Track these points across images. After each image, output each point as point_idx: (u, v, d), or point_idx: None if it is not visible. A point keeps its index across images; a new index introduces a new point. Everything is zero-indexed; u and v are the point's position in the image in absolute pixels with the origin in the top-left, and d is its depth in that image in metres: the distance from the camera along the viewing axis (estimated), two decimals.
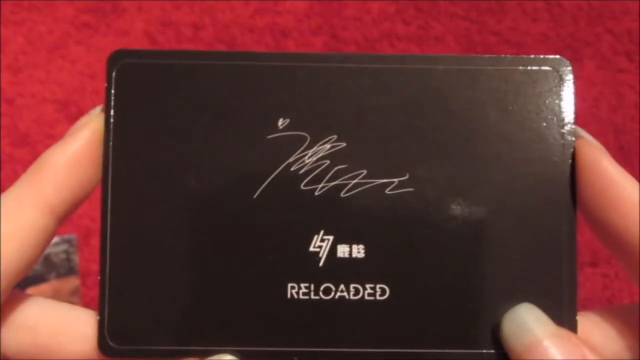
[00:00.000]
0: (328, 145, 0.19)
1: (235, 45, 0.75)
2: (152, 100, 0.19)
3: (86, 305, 0.58)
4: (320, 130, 0.19)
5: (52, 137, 0.68)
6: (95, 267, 0.60)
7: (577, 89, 0.20)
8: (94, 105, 0.21)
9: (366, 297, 0.19)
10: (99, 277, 0.19)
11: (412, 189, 0.19)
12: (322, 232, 0.19)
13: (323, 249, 0.19)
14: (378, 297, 0.19)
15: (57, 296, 0.58)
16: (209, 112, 0.19)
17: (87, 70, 0.73)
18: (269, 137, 0.19)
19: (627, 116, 0.71)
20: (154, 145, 0.19)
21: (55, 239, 0.61)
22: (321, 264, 0.19)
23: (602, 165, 0.19)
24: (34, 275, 0.59)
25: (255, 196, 0.19)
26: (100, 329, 0.19)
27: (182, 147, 0.19)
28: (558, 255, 0.19)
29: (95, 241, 0.61)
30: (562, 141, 0.19)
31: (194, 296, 0.19)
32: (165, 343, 0.19)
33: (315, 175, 0.19)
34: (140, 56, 0.20)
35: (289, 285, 0.19)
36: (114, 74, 0.19)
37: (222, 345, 0.19)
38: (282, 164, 0.19)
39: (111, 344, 0.19)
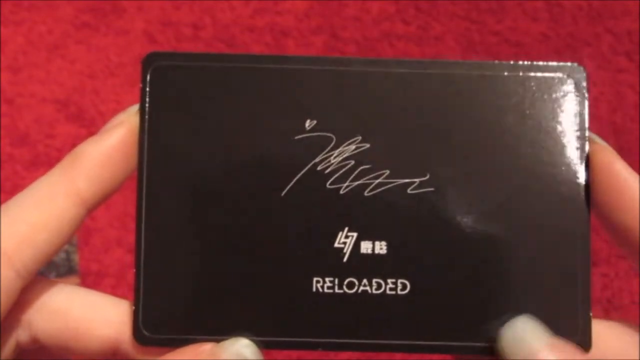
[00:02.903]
0: (353, 146, 0.20)
1: (235, 45, 0.75)
2: (184, 101, 0.20)
3: None
4: (346, 131, 0.20)
5: (52, 137, 0.68)
6: (94, 267, 0.60)
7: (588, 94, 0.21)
8: (93, 105, 0.21)
9: (388, 292, 0.20)
10: (134, 270, 0.20)
11: (432, 189, 0.20)
12: (346, 229, 0.20)
13: (347, 245, 0.20)
14: (399, 292, 0.20)
15: None
16: (240, 113, 0.20)
17: (87, 70, 0.73)
18: (296, 137, 0.20)
19: (627, 116, 0.71)
20: (186, 144, 0.20)
21: None
22: (345, 259, 0.20)
23: (615, 169, 0.19)
24: None
25: (283, 194, 0.20)
26: (135, 319, 0.20)
27: (213, 146, 0.20)
28: (572, 258, 0.20)
29: (95, 241, 0.62)
30: (576, 145, 0.20)
31: (223, 288, 0.20)
32: (195, 332, 0.20)
33: (340, 175, 0.20)
34: (173, 59, 0.21)
35: (314, 279, 0.20)
36: (148, 75, 0.21)
37: (250, 336, 0.20)
38: (309, 164, 0.20)
39: (145, 333, 0.20)
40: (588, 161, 0.20)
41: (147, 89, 0.21)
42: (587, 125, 0.21)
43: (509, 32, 0.77)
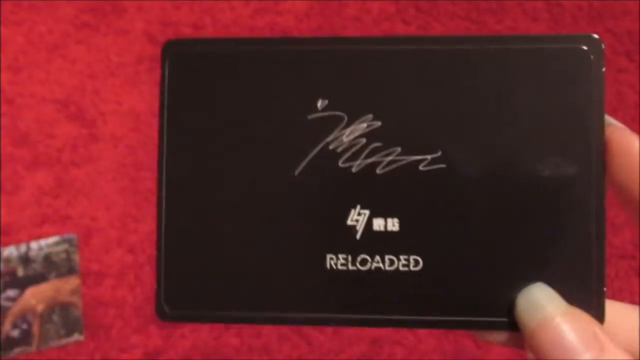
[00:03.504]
0: (364, 125, 0.20)
1: None
2: (201, 85, 0.21)
3: (86, 304, 0.58)
4: (357, 110, 0.20)
5: (52, 137, 0.68)
6: (95, 266, 0.60)
7: None
8: (94, 105, 0.21)
9: (401, 268, 0.20)
10: (155, 252, 0.21)
11: (444, 165, 0.20)
12: (358, 207, 0.20)
13: (360, 222, 0.20)
14: (412, 268, 0.20)
15: (57, 295, 0.58)
16: (253, 95, 0.21)
17: (87, 70, 0.73)
18: (309, 117, 0.20)
19: (627, 116, 0.71)
20: (204, 126, 0.21)
21: (55, 239, 0.61)
22: (358, 236, 0.20)
23: (634, 148, 0.19)
24: (34, 274, 0.59)
25: (296, 173, 0.20)
26: (157, 297, 0.21)
27: (229, 128, 0.21)
28: (587, 235, 0.20)
29: (96, 241, 0.62)
30: (593, 120, 0.20)
31: (239, 265, 0.21)
32: (213, 308, 0.21)
33: (352, 153, 0.20)
34: (190, 45, 0.21)
35: (328, 256, 0.20)
36: (167, 62, 0.21)
37: (265, 311, 0.20)
38: (321, 143, 0.20)
39: (166, 309, 0.21)
40: (604, 140, 0.20)
41: (166, 75, 0.21)
42: (603, 98, 0.20)
43: (509, 32, 0.77)
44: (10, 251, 0.61)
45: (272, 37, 0.20)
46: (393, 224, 0.20)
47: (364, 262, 0.20)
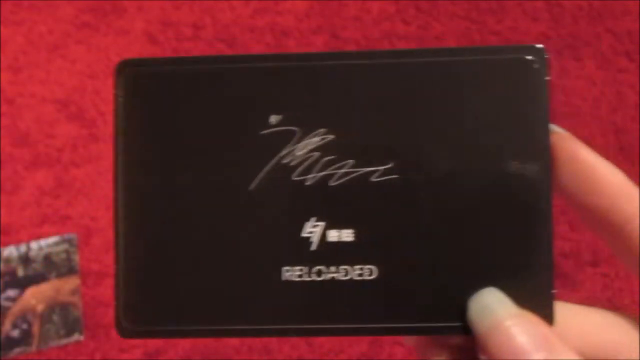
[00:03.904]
0: (317, 138, 0.21)
1: (235, 45, 0.75)
2: (155, 104, 0.21)
3: (86, 304, 0.58)
4: (310, 124, 0.21)
5: (52, 137, 0.68)
6: (95, 266, 0.60)
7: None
8: (94, 105, 0.22)
9: (356, 278, 0.21)
10: (114, 266, 0.21)
11: (396, 176, 0.21)
12: (313, 219, 0.21)
13: (314, 234, 0.21)
14: (367, 277, 0.21)
15: (57, 295, 0.58)
16: (208, 112, 0.21)
17: (87, 70, 0.73)
18: (262, 132, 0.21)
19: (627, 116, 0.71)
20: (159, 144, 0.21)
21: (56, 239, 0.61)
22: (313, 248, 0.21)
23: (581, 154, 0.20)
24: (35, 274, 0.59)
25: (251, 188, 0.21)
26: (116, 312, 0.21)
27: (184, 145, 0.21)
28: (536, 239, 0.20)
29: (96, 241, 0.62)
30: (540, 128, 0.21)
31: (197, 280, 0.21)
32: (173, 323, 0.21)
33: (305, 167, 0.21)
34: (143, 64, 0.22)
35: (284, 268, 0.21)
36: (120, 82, 0.21)
37: (223, 325, 0.21)
38: (275, 157, 0.21)
39: (125, 325, 0.21)
40: (550, 148, 0.20)
41: (120, 96, 0.21)
42: (549, 106, 0.21)
43: (509, 32, 0.77)
44: (10, 251, 0.61)
45: (225, 55, 0.21)
46: (347, 235, 0.21)
47: (319, 272, 0.21)
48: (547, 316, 0.20)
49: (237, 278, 0.21)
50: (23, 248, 0.61)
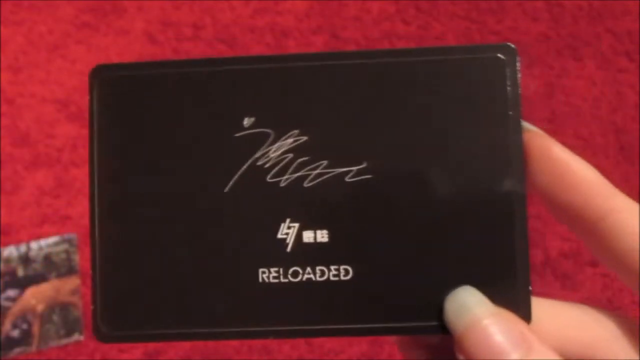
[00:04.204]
0: (291, 140, 0.21)
1: (235, 45, 0.75)
2: (130, 108, 0.22)
3: (86, 304, 0.58)
4: (283, 126, 0.21)
5: (52, 137, 0.68)
6: None
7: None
8: None
9: (331, 278, 0.21)
10: (91, 271, 0.21)
11: (369, 176, 0.21)
12: (288, 220, 0.21)
13: (290, 235, 0.21)
14: (342, 277, 0.21)
15: (57, 295, 0.58)
16: (181, 116, 0.21)
17: (87, 70, 0.73)
18: (236, 135, 0.21)
19: (627, 116, 0.71)
20: (135, 148, 0.21)
21: (56, 239, 0.61)
22: (289, 249, 0.21)
23: (554, 152, 0.20)
24: (35, 274, 0.59)
25: (226, 190, 0.21)
26: (94, 317, 0.21)
27: (158, 148, 0.21)
28: (511, 237, 0.20)
29: None
30: (511, 127, 0.21)
31: (175, 283, 0.21)
32: (152, 327, 0.21)
33: (279, 168, 0.21)
34: (117, 69, 0.22)
35: (260, 270, 0.21)
36: (95, 87, 0.22)
37: (202, 328, 0.21)
38: (249, 160, 0.21)
39: (104, 330, 0.21)
40: (523, 146, 0.21)
41: (94, 100, 0.22)
42: (520, 104, 0.21)
43: (509, 32, 0.77)
44: (10, 251, 0.61)
45: (197, 58, 0.21)
46: (322, 236, 0.21)
47: (295, 274, 0.21)
48: (524, 314, 0.20)
49: (214, 280, 0.21)
50: (23, 248, 0.61)
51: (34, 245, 0.61)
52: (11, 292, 0.59)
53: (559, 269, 0.65)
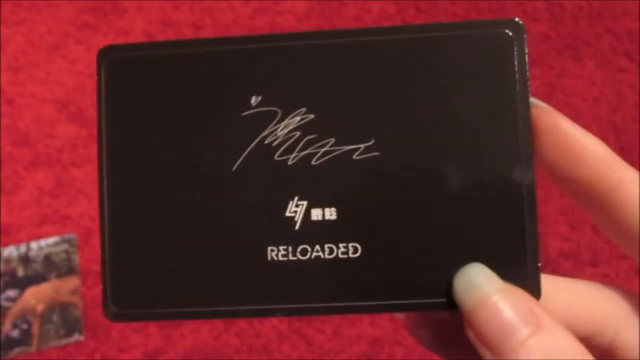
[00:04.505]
0: (298, 118, 0.21)
1: None
2: (138, 88, 0.22)
3: (86, 304, 0.58)
4: (290, 104, 0.21)
5: (52, 137, 0.68)
6: (95, 266, 0.60)
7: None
8: (94, 105, 0.21)
9: (340, 256, 0.21)
10: (100, 250, 0.21)
11: (377, 153, 0.21)
12: (296, 198, 0.21)
13: (298, 213, 0.21)
14: (351, 255, 0.21)
15: (57, 296, 0.58)
16: (189, 95, 0.21)
17: (87, 70, 0.73)
18: (243, 114, 0.21)
19: (627, 116, 0.71)
20: (143, 127, 0.21)
21: (55, 239, 0.61)
22: (297, 227, 0.21)
23: (563, 127, 0.20)
24: (35, 274, 0.59)
25: (234, 169, 0.21)
26: (104, 296, 0.21)
27: (167, 128, 0.21)
28: (520, 213, 0.20)
29: (96, 241, 0.62)
30: (519, 101, 0.21)
31: (184, 262, 0.21)
32: (161, 306, 0.21)
33: (287, 146, 0.21)
34: (124, 50, 0.22)
35: (269, 248, 0.21)
36: (102, 68, 0.22)
37: (210, 306, 0.21)
38: (256, 138, 0.21)
39: (113, 309, 0.21)
40: (531, 121, 0.21)
41: (103, 81, 0.22)
42: (528, 80, 0.21)
43: None
44: (10, 251, 0.61)
45: (204, 38, 0.23)
46: (331, 213, 0.21)
47: (304, 251, 0.21)
48: (534, 290, 0.20)
49: (223, 259, 0.21)
50: (23, 248, 0.61)
51: (34, 245, 0.61)
52: (11, 292, 0.59)
53: (559, 269, 0.65)
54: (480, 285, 0.19)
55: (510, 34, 0.21)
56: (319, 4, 0.79)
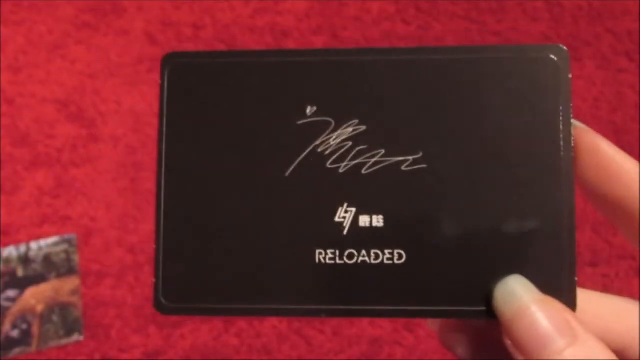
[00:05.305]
0: (350, 129, 0.22)
1: (235, 45, 0.75)
2: (199, 95, 0.23)
3: (85, 305, 0.58)
4: (344, 115, 0.22)
5: (52, 137, 0.68)
6: (95, 267, 0.60)
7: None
8: (93, 105, 0.22)
9: (385, 262, 0.22)
10: (154, 244, 0.22)
11: (425, 166, 0.22)
12: (345, 205, 0.22)
13: (347, 219, 0.22)
14: (396, 261, 0.22)
15: (57, 296, 0.58)
16: (247, 103, 0.23)
17: (87, 70, 0.73)
18: (299, 122, 0.22)
19: (627, 116, 0.71)
20: (202, 132, 0.23)
21: (55, 239, 0.61)
22: (345, 232, 0.22)
23: (602, 147, 0.22)
24: (35, 275, 0.59)
25: (287, 174, 0.22)
26: (155, 290, 0.22)
27: (226, 134, 0.23)
28: (559, 229, 0.21)
29: (95, 241, 0.62)
30: (562, 123, 0.22)
31: (235, 261, 0.22)
32: (209, 302, 0.22)
33: (339, 155, 0.22)
34: (188, 57, 0.23)
35: (317, 251, 0.22)
36: (166, 73, 0.23)
37: (259, 304, 0.22)
38: (310, 146, 0.22)
39: (164, 302, 0.22)
40: (572, 141, 0.22)
41: (165, 86, 0.23)
42: (570, 102, 0.22)
43: (509, 32, 0.77)
44: (10, 251, 0.61)
45: (266, 49, 0.23)
46: (378, 220, 0.22)
47: (350, 256, 0.22)
48: (570, 302, 0.21)
49: (273, 259, 0.22)
50: (23, 248, 0.61)
51: (33, 245, 0.61)
52: (11, 293, 0.59)
53: None
54: (519, 296, 0.20)
55: (555, 59, 0.22)
56: (319, 4, 0.79)
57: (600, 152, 0.21)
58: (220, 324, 0.58)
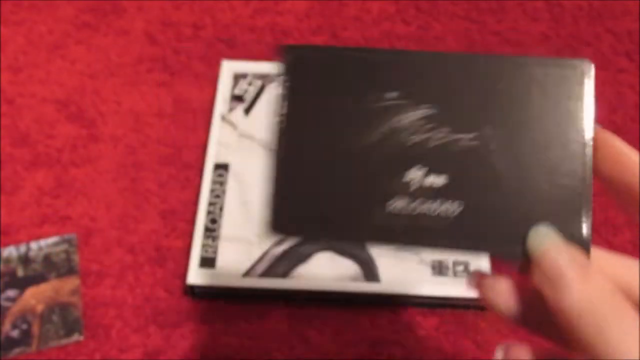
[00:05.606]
0: (422, 111, 0.29)
1: (235, 45, 0.75)
2: (311, 79, 0.30)
3: (85, 305, 0.58)
4: (418, 101, 0.29)
5: (52, 137, 0.68)
6: (95, 267, 0.60)
7: None
8: (93, 105, 0.22)
9: (446, 211, 0.28)
10: (271, 184, 0.30)
11: (477, 142, 0.29)
12: (415, 167, 0.29)
13: (416, 177, 0.29)
14: (455, 210, 0.28)
15: (57, 296, 0.58)
16: (348, 87, 0.30)
17: (87, 70, 0.73)
18: (383, 104, 0.29)
19: (627, 116, 0.71)
20: (312, 107, 0.30)
21: (55, 239, 0.61)
22: (414, 187, 0.29)
23: (615, 143, 0.28)
24: (34, 274, 0.59)
25: (374, 141, 0.29)
26: (268, 215, 0.30)
27: (329, 109, 0.30)
28: (579, 196, 0.28)
29: (96, 241, 0.62)
30: (585, 124, 0.28)
31: (326, 204, 0.29)
32: (309, 230, 0.30)
33: (412, 130, 0.29)
34: (305, 49, 0.30)
35: (388, 202, 0.29)
36: (285, 62, 0.30)
37: (346, 239, 0.30)
38: (391, 121, 0.29)
39: (274, 224, 0.30)
40: (593, 138, 0.28)
41: (285, 73, 0.30)
42: (593, 108, 0.28)
43: (509, 32, 0.77)
44: (10, 251, 0.61)
45: (361, 47, 0.36)
46: (441, 180, 0.28)
47: (416, 207, 0.29)
48: (585, 249, 0.27)
49: (354, 206, 0.29)
50: (23, 248, 0.61)
51: (33, 245, 0.61)
52: (11, 292, 0.59)
53: None
54: (546, 240, 0.27)
55: (583, 71, 0.28)
56: (319, 4, 0.79)
57: (614, 147, 0.28)
58: (220, 324, 0.58)
